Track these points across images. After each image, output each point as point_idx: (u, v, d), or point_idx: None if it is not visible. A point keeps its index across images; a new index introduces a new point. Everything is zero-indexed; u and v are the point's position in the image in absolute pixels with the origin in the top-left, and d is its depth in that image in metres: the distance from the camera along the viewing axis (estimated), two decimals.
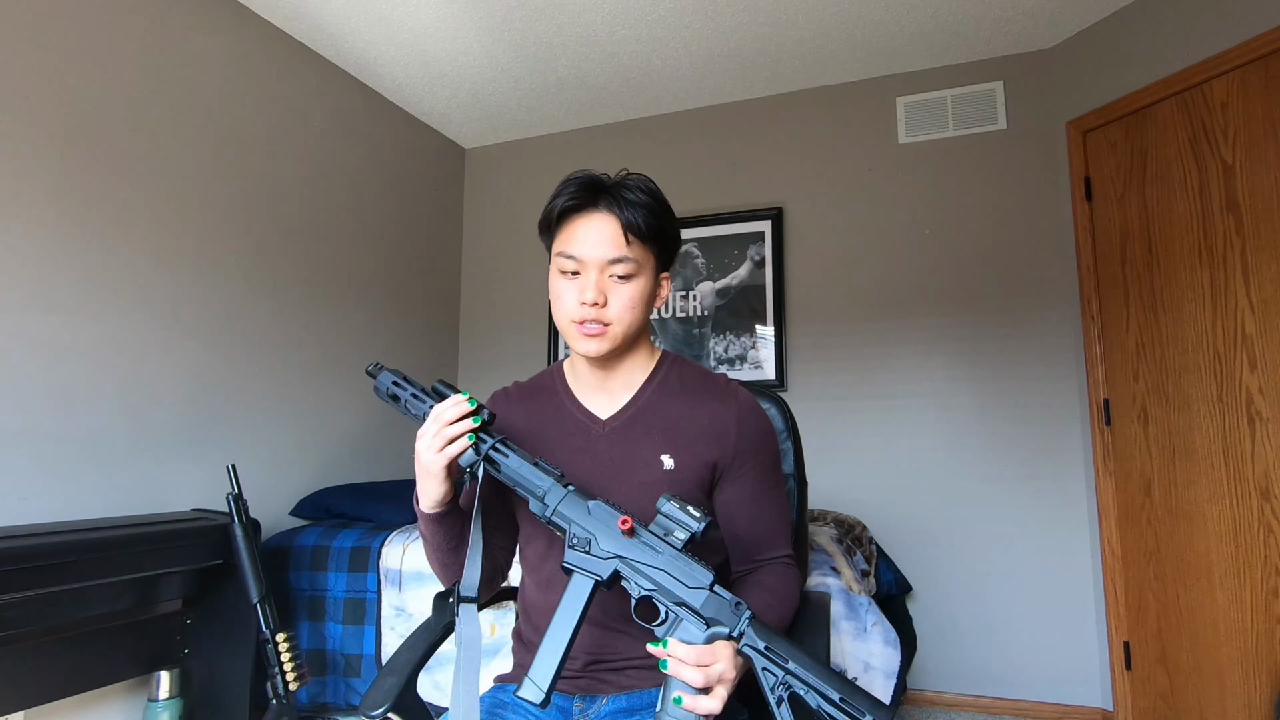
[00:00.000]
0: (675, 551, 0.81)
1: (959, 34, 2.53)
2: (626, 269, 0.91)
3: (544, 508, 0.83)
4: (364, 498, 2.37)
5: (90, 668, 1.73)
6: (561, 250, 0.93)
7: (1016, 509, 2.49)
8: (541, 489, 0.83)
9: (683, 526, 0.80)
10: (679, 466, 0.94)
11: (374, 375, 0.92)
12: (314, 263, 2.61)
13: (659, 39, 2.56)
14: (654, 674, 0.93)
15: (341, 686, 2.08)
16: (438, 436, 0.83)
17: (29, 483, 1.75)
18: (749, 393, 1.03)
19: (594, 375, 1.00)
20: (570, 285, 0.93)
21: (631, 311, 0.93)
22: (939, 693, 2.51)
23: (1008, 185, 2.61)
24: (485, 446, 0.85)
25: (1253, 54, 2.00)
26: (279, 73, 2.48)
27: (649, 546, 0.81)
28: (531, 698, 0.75)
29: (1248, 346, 1.99)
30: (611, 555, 0.81)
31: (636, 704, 0.92)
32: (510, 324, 3.33)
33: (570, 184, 0.93)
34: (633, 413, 0.98)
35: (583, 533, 0.81)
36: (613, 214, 0.92)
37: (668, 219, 0.96)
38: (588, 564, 0.80)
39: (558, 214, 0.93)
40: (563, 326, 0.95)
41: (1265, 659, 1.93)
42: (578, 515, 0.82)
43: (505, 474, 0.85)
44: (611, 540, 0.81)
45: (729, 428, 0.96)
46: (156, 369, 2.05)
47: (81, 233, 1.88)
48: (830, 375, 2.76)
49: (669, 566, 0.80)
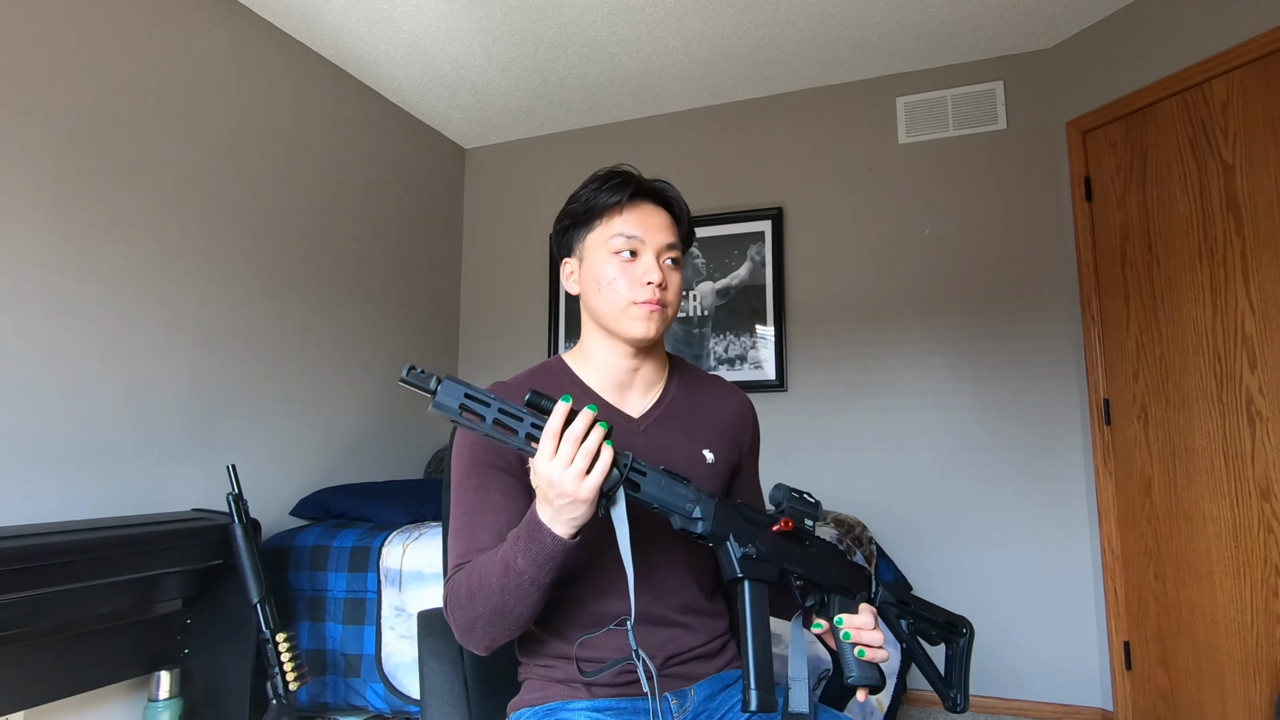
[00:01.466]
0: (816, 537, 0.86)
1: (959, 34, 2.53)
2: (677, 255, 0.96)
3: (697, 523, 0.77)
4: (364, 498, 2.37)
5: (90, 668, 1.73)
6: (622, 231, 0.93)
7: (1016, 509, 2.49)
8: (688, 503, 0.78)
9: (809, 513, 0.84)
10: (718, 460, 0.97)
11: (421, 386, 0.69)
12: (314, 262, 2.61)
13: (659, 39, 2.56)
14: (718, 657, 0.97)
15: (341, 686, 2.08)
16: (582, 458, 0.72)
17: (29, 483, 1.75)
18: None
19: (622, 371, 0.97)
20: (629, 268, 0.92)
21: (679, 298, 0.97)
22: None
23: (1008, 185, 2.61)
24: (625, 463, 0.75)
25: (1253, 54, 2.00)
26: (279, 73, 2.48)
27: (799, 540, 0.85)
28: (768, 709, 0.76)
29: (1248, 346, 1.99)
30: (775, 556, 0.82)
31: (717, 685, 0.95)
32: (510, 324, 3.33)
33: (616, 175, 0.95)
34: (666, 408, 0.98)
35: (745, 541, 0.80)
36: (660, 204, 0.96)
37: (690, 219, 1.02)
38: (760, 571, 0.80)
39: (621, 201, 0.93)
40: (616, 310, 0.92)
41: (1265, 659, 1.93)
42: (734, 524, 0.80)
43: (646, 493, 0.77)
44: (768, 541, 0.82)
45: (746, 421, 1.03)
46: (157, 369, 2.05)
47: (82, 232, 1.88)
48: (830, 375, 2.76)
49: (819, 554, 0.85)
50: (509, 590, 0.78)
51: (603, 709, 0.88)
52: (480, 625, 0.82)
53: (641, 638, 0.91)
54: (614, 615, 0.91)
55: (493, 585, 0.79)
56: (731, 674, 0.97)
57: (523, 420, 0.72)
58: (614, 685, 0.90)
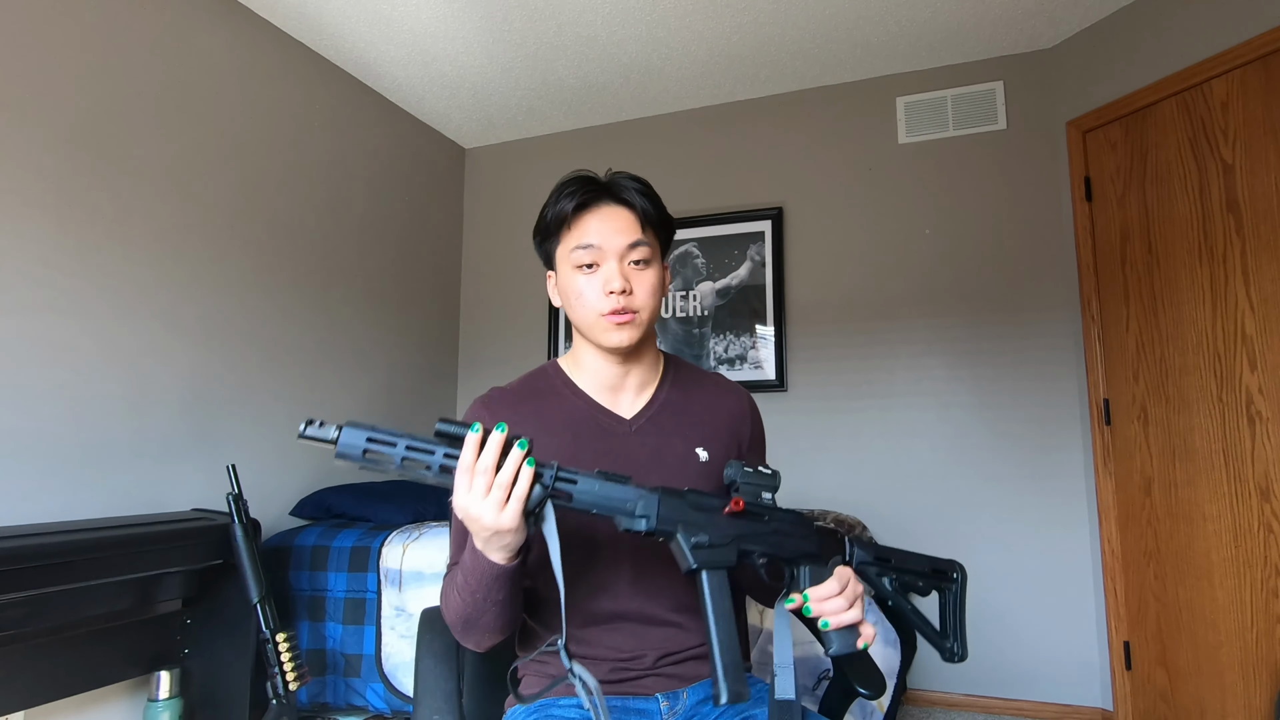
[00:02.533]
0: (776, 509, 0.82)
1: (959, 34, 2.53)
2: (644, 253, 0.92)
3: (639, 520, 0.75)
4: (364, 497, 2.37)
5: (90, 668, 1.73)
6: (579, 243, 0.91)
7: (1016, 509, 2.49)
8: (628, 502, 0.75)
9: (766, 485, 0.81)
10: (713, 458, 0.96)
11: (321, 438, 0.66)
12: (314, 263, 2.61)
13: (659, 39, 2.56)
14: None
15: (341, 686, 2.08)
16: (497, 489, 0.70)
17: (29, 483, 1.75)
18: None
19: (612, 373, 0.97)
20: (591, 279, 0.91)
21: (654, 297, 0.93)
22: (939, 693, 2.51)
23: (1008, 185, 2.61)
24: (548, 478, 0.73)
25: (1253, 54, 2.00)
26: (279, 73, 2.48)
27: (756, 516, 0.82)
28: (739, 700, 0.74)
29: (1248, 346, 1.99)
30: (729, 539, 0.79)
31: (711, 689, 0.94)
32: (510, 324, 3.33)
33: (570, 184, 0.93)
34: (658, 408, 0.98)
35: (695, 530, 0.77)
36: (621, 204, 0.93)
37: (664, 208, 0.98)
38: (715, 558, 0.77)
39: (571, 211, 0.92)
40: (588, 323, 0.92)
41: (1265, 659, 1.93)
42: (683, 514, 0.77)
43: (580, 501, 0.74)
44: (721, 525, 0.79)
45: (745, 419, 1.02)
46: (157, 369, 2.05)
47: (82, 232, 1.88)
48: (830, 375, 2.76)
49: (780, 527, 0.82)
50: (468, 605, 0.81)
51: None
52: (459, 629, 0.86)
53: (636, 637, 0.91)
54: (605, 614, 0.91)
55: (457, 597, 0.82)
56: None
57: (434, 454, 0.69)
58: (606, 683, 0.91)
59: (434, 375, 3.26)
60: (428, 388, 3.21)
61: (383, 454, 0.67)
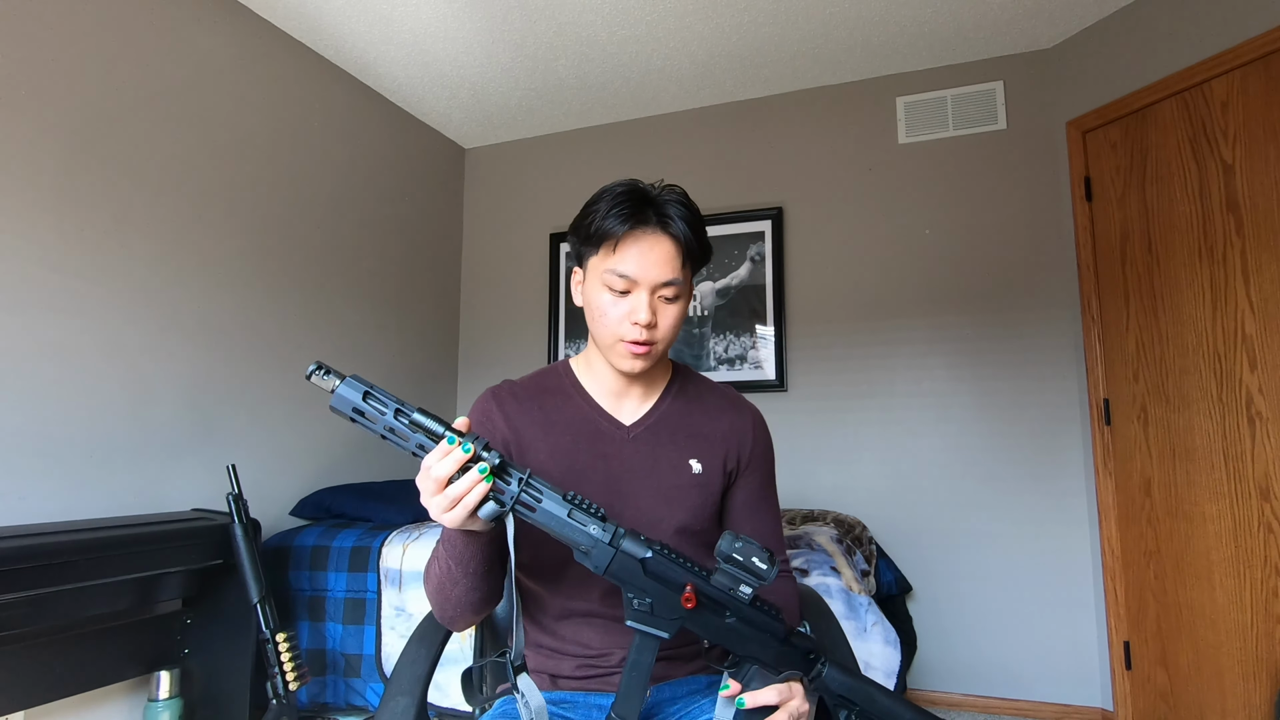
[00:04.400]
0: (744, 609, 0.76)
1: (959, 34, 2.53)
2: (676, 291, 0.92)
3: (593, 565, 0.74)
4: (364, 498, 2.37)
5: (90, 668, 1.73)
6: (614, 269, 0.90)
7: (1016, 509, 2.49)
8: (584, 545, 0.74)
9: (752, 577, 0.74)
10: (706, 470, 0.97)
11: (321, 386, 0.72)
12: (314, 262, 2.61)
13: (659, 39, 2.56)
14: (685, 663, 0.96)
15: (341, 686, 2.08)
16: (443, 498, 0.72)
17: (29, 483, 1.75)
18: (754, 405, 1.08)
19: (619, 381, 0.99)
20: (619, 303, 0.91)
21: (674, 330, 0.94)
22: (939, 693, 2.51)
23: (1008, 185, 2.61)
24: (510, 495, 0.73)
25: (1253, 54, 2.00)
26: (279, 73, 2.48)
27: (714, 612, 0.76)
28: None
29: (1248, 346, 1.99)
30: (675, 617, 0.75)
31: (678, 691, 0.95)
32: (510, 324, 3.33)
33: (620, 200, 0.91)
34: (658, 418, 1.00)
35: (641, 597, 0.75)
36: (666, 234, 0.91)
37: (705, 234, 0.97)
38: (653, 624, 0.75)
39: (616, 232, 0.90)
40: (606, 342, 0.93)
41: (1265, 659, 1.93)
42: (633, 577, 0.74)
43: (539, 521, 0.74)
44: (672, 602, 0.74)
45: (746, 435, 1.01)
46: (157, 368, 2.05)
47: (82, 232, 1.88)
48: (830, 375, 2.76)
49: (738, 627, 0.76)
50: (443, 573, 0.85)
51: (559, 701, 0.93)
52: (436, 602, 0.88)
53: (604, 635, 0.93)
54: (579, 610, 0.94)
55: (436, 565, 0.87)
56: (698, 680, 0.97)
57: (408, 441, 0.73)
58: (575, 679, 0.94)
59: (434, 375, 3.26)
60: (428, 387, 3.21)
61: (371, 416, 0.72)
